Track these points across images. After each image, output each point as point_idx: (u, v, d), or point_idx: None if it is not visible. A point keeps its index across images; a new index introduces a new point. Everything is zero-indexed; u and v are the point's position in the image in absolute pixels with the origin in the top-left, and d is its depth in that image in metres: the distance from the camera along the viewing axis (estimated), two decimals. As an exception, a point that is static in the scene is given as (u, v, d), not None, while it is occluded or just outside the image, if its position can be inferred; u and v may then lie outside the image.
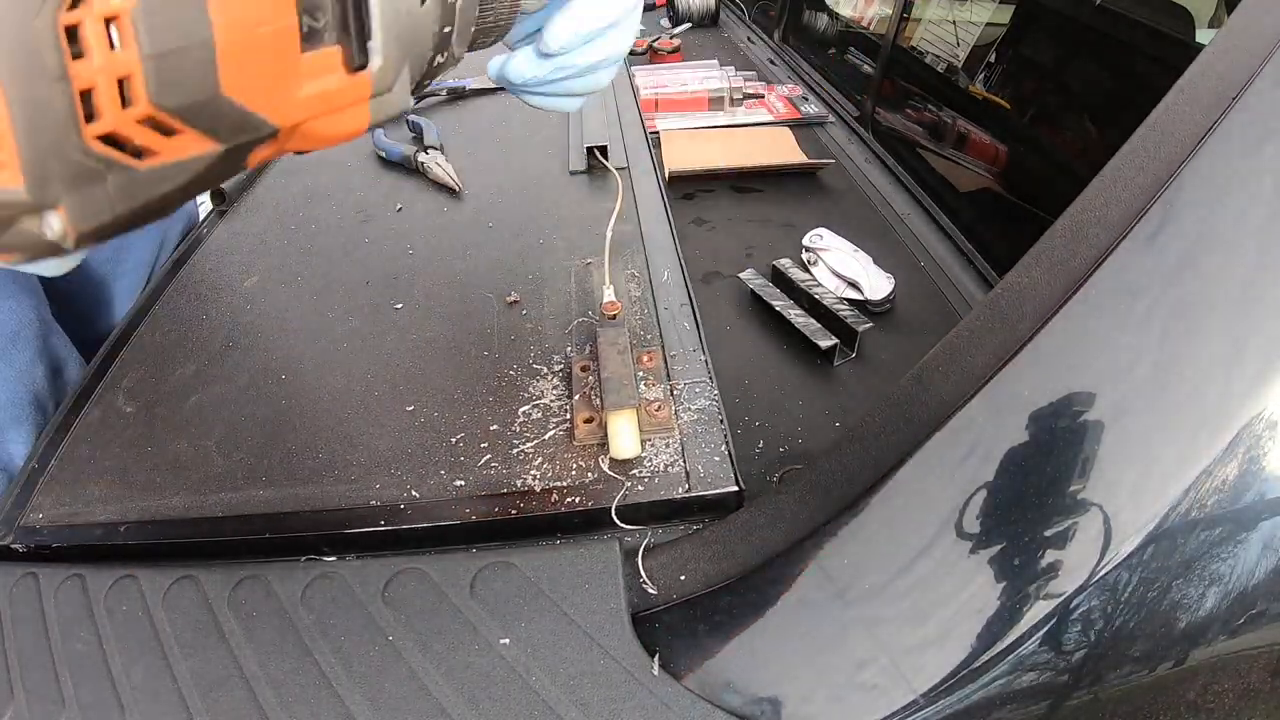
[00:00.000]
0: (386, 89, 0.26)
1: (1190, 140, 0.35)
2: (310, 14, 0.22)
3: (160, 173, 0.19)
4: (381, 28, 0.25)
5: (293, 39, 0.22)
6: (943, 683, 0.32)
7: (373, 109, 0.26)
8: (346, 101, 0.25)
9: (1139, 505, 0.32)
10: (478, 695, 0.34)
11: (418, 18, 0.27)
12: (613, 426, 0.43)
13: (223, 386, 0.54)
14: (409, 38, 0.27)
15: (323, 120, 0.24)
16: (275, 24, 0.21)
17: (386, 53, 0.26)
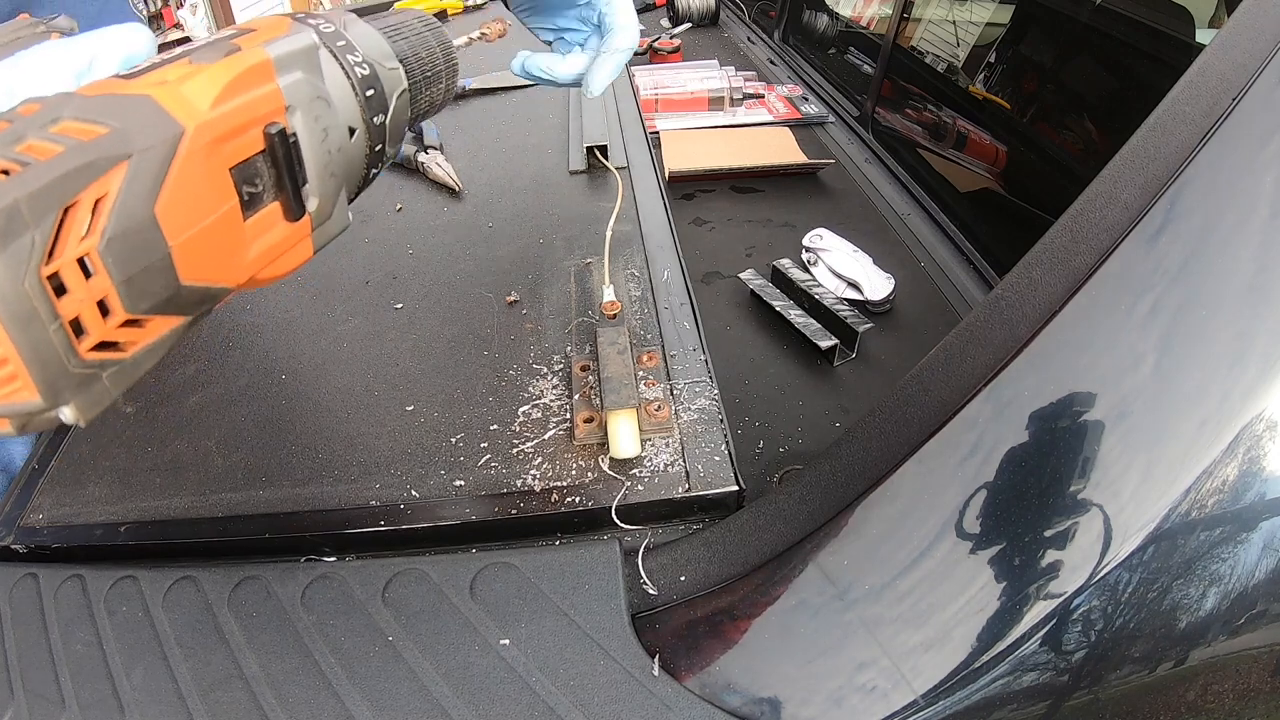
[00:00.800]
0: (326, 218, 0.29)
1: (1191, 140, 0.34)
2: (249, 183, 0.25)
3: (143, 354, 0.23)
4: (315, 175, 0.28)
5: (235, 216, 0.25)
6: (943, 683, 0.32)
7: (315, 239, 0.29)
8: (291, 244, 0.28)
9: (1139, 505, 0.32)
10: (478, 695, 0.34)
11: (349, 151, 0.30)
12: (613, 426, 0.43)
13: (223, 386, 0.54)
14: (343, 171, 0.30)
15: (270, 267, 0.27)
16: (219, 211, 0.24)
17: (322, 192, 0.28)
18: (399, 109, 0.33)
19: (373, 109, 0.31)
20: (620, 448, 0.42)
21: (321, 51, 0.29)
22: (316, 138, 0.28)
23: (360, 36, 0.32)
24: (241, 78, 0.25)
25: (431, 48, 0.37)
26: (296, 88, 0.27)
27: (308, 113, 0.27)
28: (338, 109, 0.29)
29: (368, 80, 0.31)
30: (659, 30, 2.08)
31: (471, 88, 1.02)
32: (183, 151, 0.22)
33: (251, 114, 0.25)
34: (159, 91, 0.23)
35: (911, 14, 1.27)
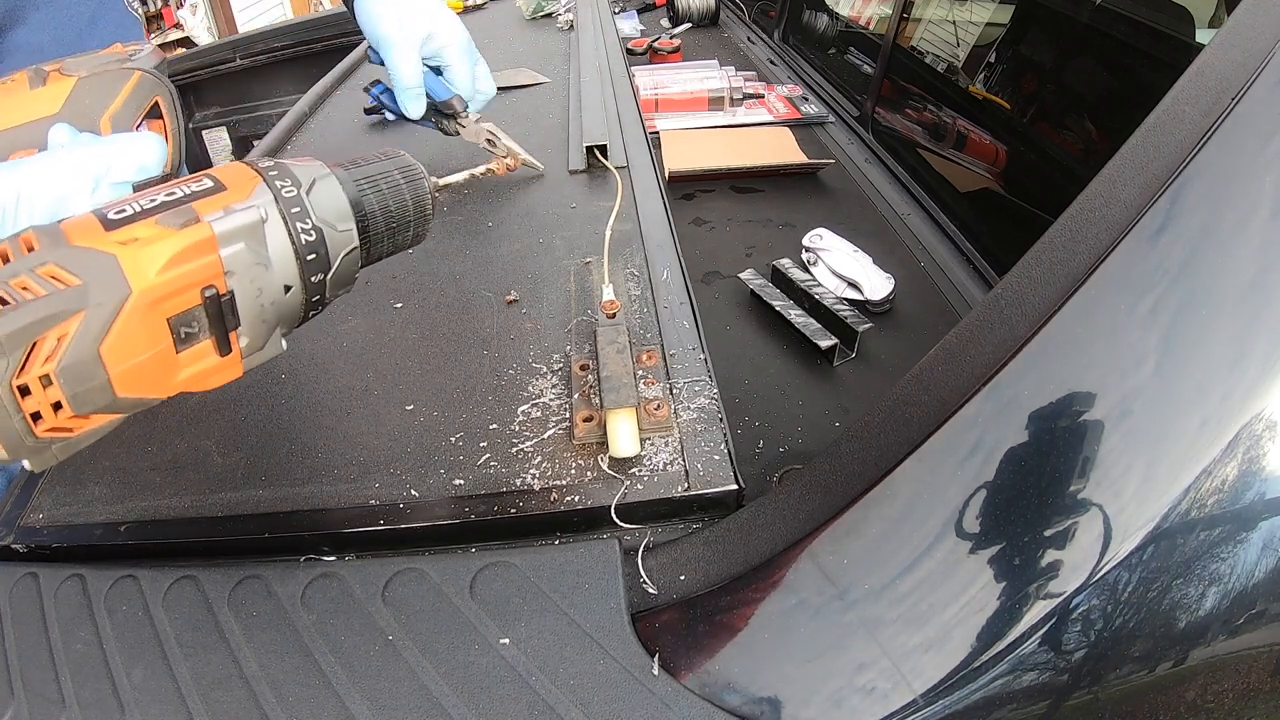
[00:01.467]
0: (258, 349, 0.35)
1: (1190, 140, 0.35)
2: (185, 326, 0.31)
3: (85, 436, 0.31)
4: (248, 322, 0.33)
5: (168, 352, 0.31)
6: (942, 683, 0.32)
7: (246, 364, 0.35)
8: (221, 370, 0.34)
9: (1140, 505, 0.32)
10: (478, 695, 0.34)
11: (282, 304, 0.35)
12: (612, 425, 0.43)
13: (222, 386, 0.53)
14: (274, 318, 0.35)
15: (200, 382, 0.33)
16: (154, 350, 0.30)
17: (253, 334, 0.34)
18: (345, 264, 0.37)
19: (312, 269, 0.35)
20: (620, 447, 0.42)
21: (272, 221, 0.34)
22: (251, 295, 0.33)
23: (321, 198, 0.36)
24: (187, 251, 0.31)
25: (404, 201, 0.41)
26: (237, 257, 0.32)
27: (244, 276, 0.33)
28: (276, 271, 0.34)
29: (312, 245, 0.35)
30: (659, 30, 2.08)
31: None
32: (127, 309, 0.29)
33: (191, 280, 0.31)
34: (123, 252, 0.29)
35: (911, 14, 1.27)
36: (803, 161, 1.23)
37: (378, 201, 0.40)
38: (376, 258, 0.41)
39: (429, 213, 0.43)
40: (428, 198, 0.43)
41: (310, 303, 0.36)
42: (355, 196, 0.38)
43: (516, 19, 1.39)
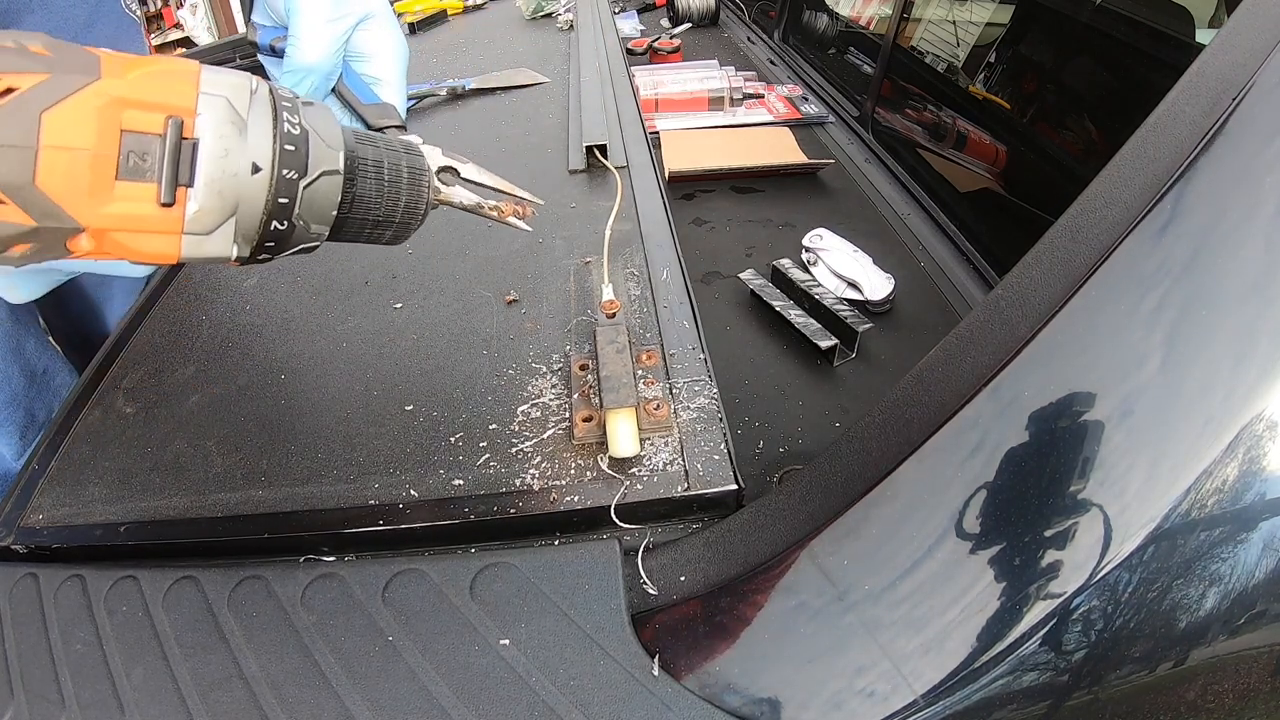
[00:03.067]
0: (204, 231, 0.32)
1: (1191, 140, 0.34)
2: (138, 153, 0.29)
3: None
4: (202, 183, 0.31)
5: (108, 164, 0.28)
6: (943, 683, 0.32)
7: (186, 244, 0.32)
8: (154, 227, 0.30)
9: (1141, 505, 0.32)
10: (478, 695, 0.34)
11: (246, 183, 0.32)
12: (612, 425, 0.43)
13: (222, 386, 0.54)
14: (233, 197, 0.32)
15: (130, 235, 0.30)
16: (94, 150, 0.28)
17: (203, 203, 0.31)
18: (324, 184, 0.35)
19: (287, 161, 0.33)
20: (619, 447, 0.42)
21: (260, 97, 0.33)
22: (216, 152, 0.31)
23: (315, 114, 0.35)
24: (168, 73, 0.30)
25: (399, 164, 0.39)
26: (214, 102, 0.31)
27: (216, 128, 0.31)
28: (249, 142, 0.32)
29: (293, 138, 0.33)
30: (659, 30, 2.08)
31: (471, 88, 1.02)
32: (89, 90, 0.27)
33: (162, 99, 0.29)
34: (107, 57, 0.29)
35: (911, 14, 1.27)
36: (803, 161, 1.23)
37: (372, 154, 0.38)
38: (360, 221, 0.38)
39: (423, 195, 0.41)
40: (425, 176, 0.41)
41: (276, 204, 0.33)
42: (350, 140, 0.37)
43: (516, 19, 1.39)
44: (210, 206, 0.31)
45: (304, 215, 0.35)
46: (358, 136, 0.38)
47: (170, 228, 0.31)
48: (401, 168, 0.39)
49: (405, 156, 0.40)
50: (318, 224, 0.36)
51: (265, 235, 0.34)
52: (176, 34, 5.01)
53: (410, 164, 0.40)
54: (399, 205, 0.40)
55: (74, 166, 0.28)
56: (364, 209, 0.38)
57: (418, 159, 0.41)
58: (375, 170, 0.38)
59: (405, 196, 0.40)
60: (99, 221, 0.29)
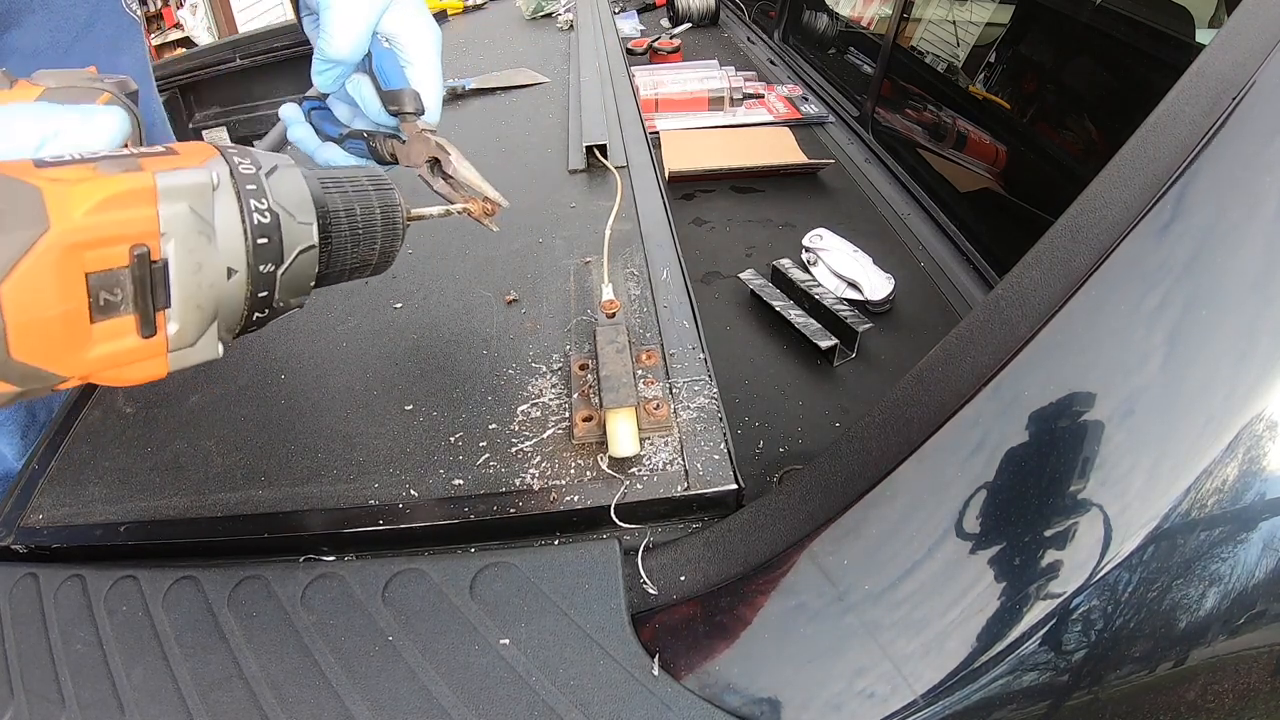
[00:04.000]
0: (188, 345, 0.30)
1: (1191, 140, 0.35)
2: (108, 289, 0.27)
3: None
4: (180, 302, 0.29)
5: (81, 316, 0.27)
6: (942, 683, 0.32)
7: (173, 360, 0.30)
8: (140, 357, 0.29)
9: (1141, 505, 0.32)
10: (478, 695, 0.34)
11: (224, 290, 0.31)
12: (611, 425, 0.43)
13: (222, 386, 0.54)
14: (211, 307, 0.31)
15: (118, 371, 0.29)
16: (63, 307, 0.26)
17: (184, 320, 0.30)
18: (301, 263, 0.34)
19: (262, 257, 0.32)
20: (619, 446, 0.42)
21: (223, 190, 0.30)
22: (188, 269, 0.29)
23: (282, 184, 0.33)
24: (122, 197, 0.27)
25: (371, 206, 0.38)
26: (177, 218, 0.28)
27: (183, 244, 0.29)
28: (220, 248, 0.30)
29: (264, 228, 0.32)
30: (659, 30, 2.08)
31: (471, 88, 1.02)
32: (41, 247, 0.25)
33: (121, 231, 0.27)
34: (49, 188, 0.26)
35: (911, 14, 1.27)
36: (803, 161, 1.23)
37: (343, 202, 0.37)
38: (338, 272, 0.38)
39: (399, 229, 0.40)
40: (398, 211, 0.40)
41: (255, 299, 0.32)
42: (319, 193, 0.36)
43: (516, 19, 1.39)
44: (191, 322, 0.30)
45: (283, 297, 0.34)
46: (324, 184, 0.37)
47: (155, 352, 0.30)
48: (373, 208, 0.39)
49: (375, 194, 0.39)
50: (298, 297, 0.35)
51: (247, 324, 0.33)
52: (176, 34, 5.02)
53: (381, 200, 0.39)
54: (376, 244, 0.39)
55: (46, 331, 0.26)
56: (341, 259, 0.38)
57: (387, 192, 0.40)
58: (349, 219, 0.37)
59: (381, 236, 0.39)
60: (83, 368, 0.28)
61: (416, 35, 0.49)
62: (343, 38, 0.47)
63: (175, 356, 0.30)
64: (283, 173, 0.34)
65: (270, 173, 0.33)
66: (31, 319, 0.25)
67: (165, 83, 1.92)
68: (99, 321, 0.27)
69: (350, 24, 0.47)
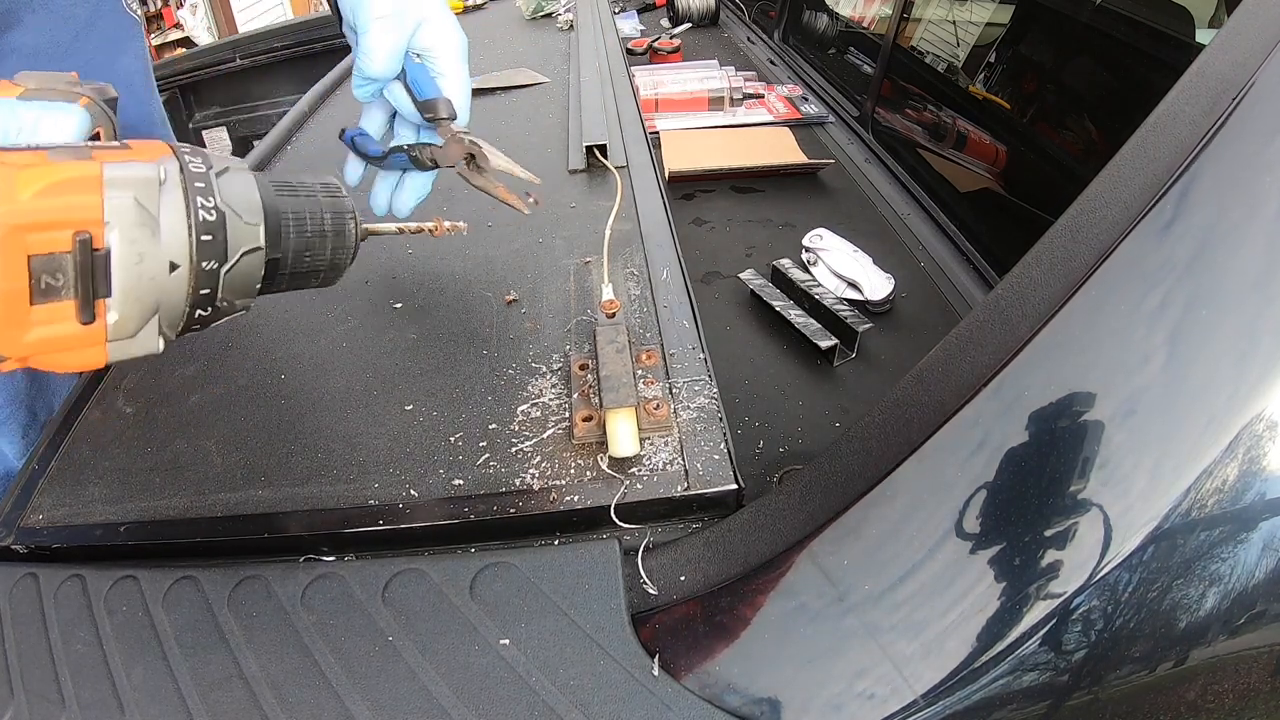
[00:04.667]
0: (127, 336, 0.31)
1: (1191, 139, 0.34)
2: (50, 273, 0.27)
3: None
4: (120, 292, 0.30)
5: (21, 297, 0.27)
6: (943, 683, 0.32)
7: (112, 350, 0.31)
8: (79, 344, 0.29)
9: (1141, 505, 0.32)
10: (478, 695, 0.34)
11: (165, 283, 0.31)
12: (611, 425, 0.43)
13: (222, 386, 0.54)
14: (152, 300, 0.31)
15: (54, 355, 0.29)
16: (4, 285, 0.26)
17: (124, 310, 0.30)
18: (246, 264, 0.34)
19: (205, 253, 0.32)
20: (619, 446, 0.42)
21: (170, 185, 0.31)
22: (130, 259, 0.30)
23: (231, 184, 0.34)
24: (68, 183, 0.27)
25: (318, 213, 0.39)
26: (121, 208, 0.29)
27: (126, 234, 0.29)
28: (164, 242, 0.31)
29: (209, 225, 0.32)
30: (659, 30, 2.08)
31: (471, 88, 1.02)
32: None
33: (64, 216, 0.27)
34: None
35: (911, 14, 1.27)
36: (803, 161, 1.23)
37: (292, 207, 0.37)
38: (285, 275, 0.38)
39: (348, 240, 0.41)
40: (348, 220, 0.41)
41: (198, 296, 0.33)
42: (270, 197, 0.36)
43: (516, 19, 1.39)
44: (130, 313, 0.30)
45: (227, 297, 0.35)
46: (277, 188, 0.38)
47: (93, 340, 0.30)
48: (322, 215, 0.39)
49: (326, 201, 0.40)
50: (242, 299, 0.36)
51: (190, 322, 0.34)
52: (176, 34, 5.02)
53: (333, 208, 0.40)
54: (325, 253, 0.40)
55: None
56: (290, 265, 0.38)
57: (339, 200, 0.41)
58: (297, 224, 0.38)
59: (331, 244, 0.40)
60: (20, 350, 0.28)
61: (446, 49, 0.54)
62: (379, 59, 0.51)
63: (114, 347, 0.31)
64: (233, 174, 0.34)
65: (221, 173, 0.34)
66: None
67: (165, 83, 1.92)
68: (39, 304, 0.28)
69: (385, 46, 0.51)
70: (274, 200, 0.37)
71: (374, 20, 0.50)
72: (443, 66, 0.54)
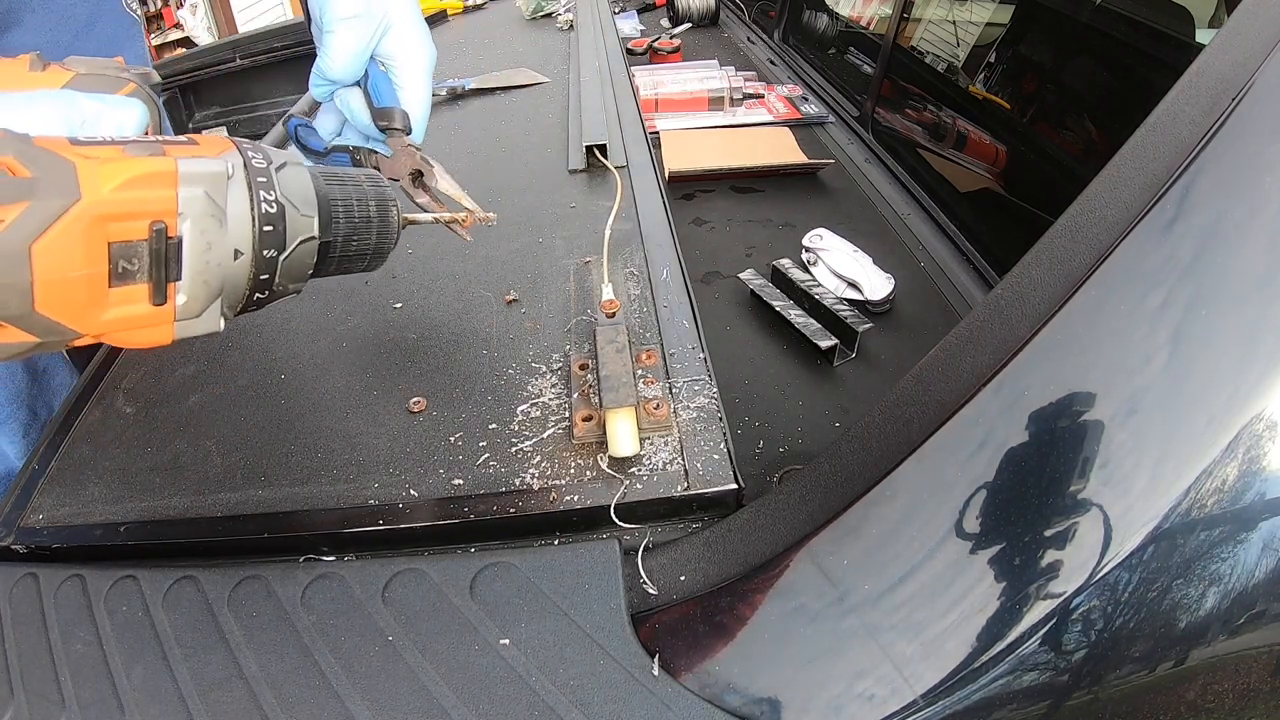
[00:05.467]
0: (193, 316, 0.33)
1: (1191, 139, 0.35)
2: (127, 259, 0.30)
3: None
4: (189, 277, 0.32)
5: (100, 280, 0.29)
6: (943, 683, 0.32)
7: (179, 329, 0.33)
8: (150, 323, 0.32)
9: (1140, 505, 0.32)
10: (478, 695, 0.34)
11: (229, 269, 0.34)
12: (611, 425, 0.43)
13: (223, 386, 0.54)
14: (217, 284, 0.34)
15: (126, 333, 0.32)
16: (86, 270, 0.29)
17: (192, 293, 0.33)
18: (301, 252, 0.37)
19: (266, 242, 0.35)
20: (619, 446, 0.42)
21: (236, 180, 0.34)
22: (199, 248, 0.32)
23: (289, 179, 0.36)
24: (146, 177, 0.30)
25: (365, 200, 0.41)
26: (193, 200, 0.31)
27: (196, 225, 0.32)
28: (230, 231, 0.33)
29: (270, 217, 0.35)
30: (659, 30, 2.08)
31: (471, 88, 1.02)
32: (71, 214, 0.28)
33: (143, 207, 0.30)
34: (83, 164, 0.28)
35: (911, 14, 1.27)
36: (803, 161, 1.23)
37: (341, 196, 0.40)
38: (336, 259, 0.41)
39: (392, 227, 0.43)
40: (392, 209, 0.43)
41: (257, 280, 0.36)
42: (322, 189, 0.39)
43: (516, 19, 1.39)
44: (198, 295, 0.33)
45: (283, 281, 0.37)
46: (326, 178, 0.40)
47: (163, 320, 0.32)
48: (368, 202, 0.42)
49: (372, 189, 0.42)
50: (296, 282, 0.38)
51: (248, 304, 0.36)
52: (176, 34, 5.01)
53: (378, 196, 0.42)
54: (371, 239, 0.42)
55: (69, 291, 0.29)
56: (340, 250, 0.41)
57: (383, 188, 0.43)
58: (346, 211, 0.40)
59: (377, 230, 0.42)
60: (97, 328, 0.30)
61: (410, 60, 0.53)
62: (339, 61, 0.52)
63: (180, 326, 0.33)
64: (291, 169, 0.37)
65: (280, 168, 0.36)
66: (57, 278, 0.28)
67: (165, 83, 1.92)
68: (116, 286, 0.30)
69: (347, 50, 0.51)
70: (325, 189, 0.39)
71: (339, 21, 0.50)
72: (404, 78, 0.53)
